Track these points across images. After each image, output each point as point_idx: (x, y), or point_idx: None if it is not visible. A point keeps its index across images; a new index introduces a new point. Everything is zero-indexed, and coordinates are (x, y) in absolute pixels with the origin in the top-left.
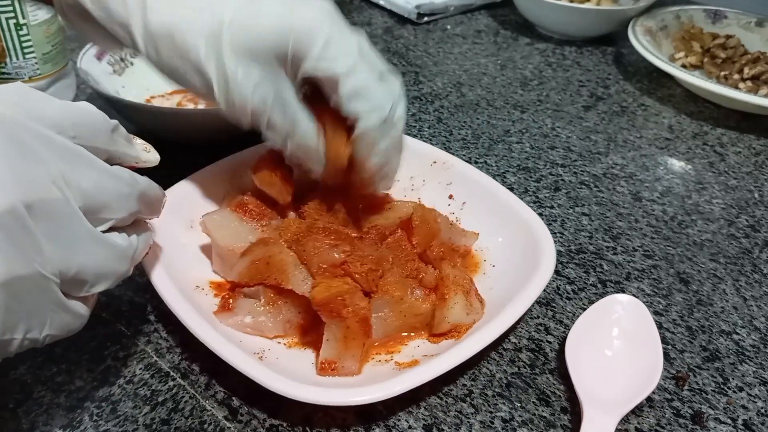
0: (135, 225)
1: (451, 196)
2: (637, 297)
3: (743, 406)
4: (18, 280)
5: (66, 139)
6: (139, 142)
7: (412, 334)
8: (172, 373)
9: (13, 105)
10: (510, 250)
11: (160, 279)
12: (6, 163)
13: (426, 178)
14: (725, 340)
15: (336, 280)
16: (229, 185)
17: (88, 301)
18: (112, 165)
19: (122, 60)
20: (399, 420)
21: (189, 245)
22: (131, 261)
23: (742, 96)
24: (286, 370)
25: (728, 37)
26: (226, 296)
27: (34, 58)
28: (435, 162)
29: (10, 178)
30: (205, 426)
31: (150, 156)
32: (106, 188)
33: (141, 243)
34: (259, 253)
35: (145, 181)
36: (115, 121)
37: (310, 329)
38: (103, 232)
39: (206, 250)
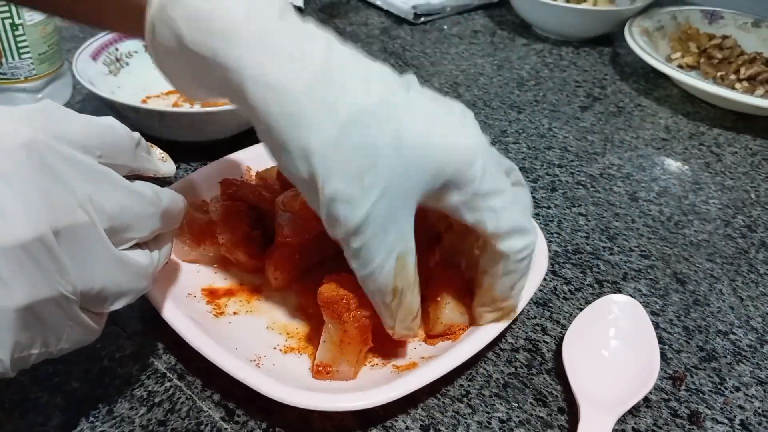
0: (157, 239)
1: None
2: (634, 297)
3: (740, 406)
4: (41, 302)
5: (92, 159)
6: (157, 152)
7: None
8: (168, 374)
9: (40, 126)
10: None
11: (152, 288)
12: (35, 188)
13: None
14: (722, 340)
15: (348, 280)
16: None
17: (102, 316)
18: (132, 178)
19: (118, 60)
20: (396, 421)
21: None
22: (151, 277)
23: (738, 96)
24: (283, 375)
25: (725, 37)
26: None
27: (30, 58)
28: None
29: (39, 204)
30: (202, 427)
31: (167, 167)
32: (131, 209)
33: (161, 257)
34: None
35: (167, 198)
36: (137, 136)
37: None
38: (125, 248)
39: None
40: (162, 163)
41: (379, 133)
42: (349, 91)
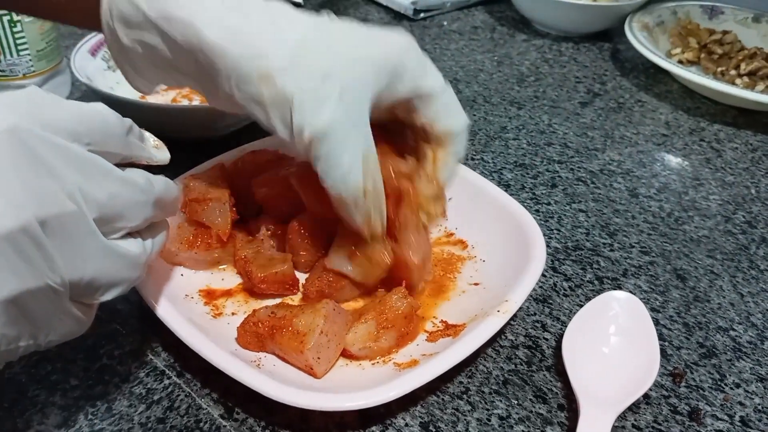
0: (150, 227)
1: None
2: (634, 293)
3: (740, 403)
4: (28, 294)
5: (81, 146)
6: (150, 138)
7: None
8: (167, 372)
9: (26, 114)
10: (499, 245)
11: (149, 291)
12: (21, 178)
13: None
14: (722, 337)
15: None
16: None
17: (93, 307)
18: (125, 165)
19: None
20: (396, 418)
21: None
22: (144, 266)
23: (738, 92)
24: (284, 376)
25: (725, 32)
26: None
27: (29, 55)
28: None
29: (24, 193)
30: (201, 424)
31: (161, 155)
32: (122, 198)
33: (155, 246)
34: None
35: (160, 186)
36: (129, 122)
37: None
38: (117, 238)
39: None
40: (156, 150)
41: (327, 49)
42: (293, 22)
